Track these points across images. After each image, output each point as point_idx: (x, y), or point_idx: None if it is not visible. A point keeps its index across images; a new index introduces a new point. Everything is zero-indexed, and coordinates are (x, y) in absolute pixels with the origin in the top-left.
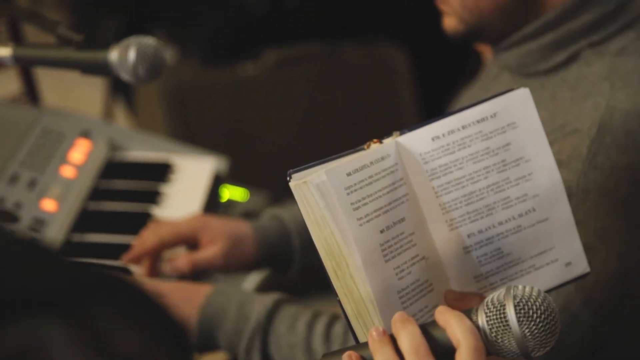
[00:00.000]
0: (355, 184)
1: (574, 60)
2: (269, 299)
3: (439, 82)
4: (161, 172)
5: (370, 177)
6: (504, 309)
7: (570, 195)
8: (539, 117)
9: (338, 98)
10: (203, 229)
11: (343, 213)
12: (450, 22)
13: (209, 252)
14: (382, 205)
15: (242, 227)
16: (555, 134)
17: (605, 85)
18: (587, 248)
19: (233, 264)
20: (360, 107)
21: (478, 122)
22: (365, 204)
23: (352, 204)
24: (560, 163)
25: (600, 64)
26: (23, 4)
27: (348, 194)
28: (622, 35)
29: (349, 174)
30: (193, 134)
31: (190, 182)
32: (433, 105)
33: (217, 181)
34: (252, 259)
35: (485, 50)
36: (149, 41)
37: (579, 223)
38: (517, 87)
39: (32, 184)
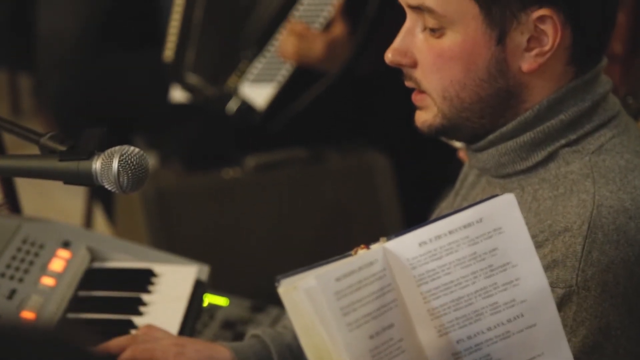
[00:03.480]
0: (344, 289)
1: (552, 159)
2: None
3: (422, 186)
4: (142, 280)
5: (360, 282)
6: None
7: (571, 294)
8: (524, 222)
9: (320, 202)
10: (178, 356)
11: (333, 318)
12: (425, 117)
13: None
14: (371, 311)
15: (221, 353)
16: (544, 234)
17: (587, 182)
18: (594, 347)
19: None
20: (343, 211)
21: (464, 227)
22: (355, 309)
23: (341, 309)
24: (555, 263)
25: (580, 163)
26: (2, 112)
27: (338, 299)
28: (598, 133)
29: (338, 279)
30: (174, 240)
31: (171, 291)
32: (416, 210)
33: (199, 289)
34: None
35: (463, 155)
36: (133, 150)
37: (583, 322)
38: (503, 193)
39: (11, 294)
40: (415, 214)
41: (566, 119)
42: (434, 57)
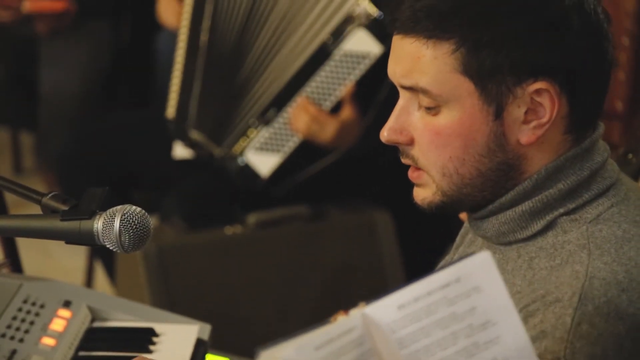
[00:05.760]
0: (324, 358)
1: (551, 228)
2: None
3: (424, 242)
4: (143, 340)
5: (340, 349)
6: None
7: None
8: (502, 279)
9: (323, 260)
10: None
11: None
12: (424, 194)
13: None
14: None
15: None
16: (536, 303)
17: (583, 253)
18: None
19: None
20: (345, 268)
21: (442, 288)
22: None
23: None
24: (544, 334)
25: (577, 232)
26: (3, 171)
27: None
28: (596, 202)
29: (317, 348)
30: (175, 298)
31: (173, 350)
32: (419, 265)
33: (201, 348)
34: None
35: (463, 217)
36: (134, 210)
37: None
38: (479, 252)
39: (12, 355)
40: (418, 270)
41: (565, 188)
42: (431, 135)
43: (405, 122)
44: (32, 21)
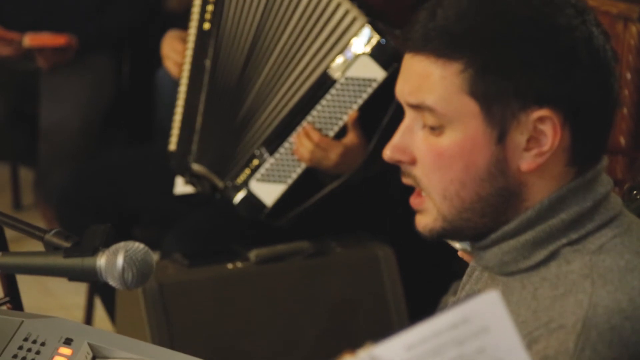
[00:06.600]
0: None
1: (554, 258)
2: None
3: (427, 278)
4: None
5: None
6: None
7: None
8: (511, 320)
9: (325, 295)
10: None
11: None
12: (426, 221)
13: None
14: None
15: None
16: (540, 330)
17: (586, 283)
18: None
19: None
20: (348, 304)
21: (451, 328)
22: None
23: None
24: (548, 359)
25: (580, 262)
26: (3, 207)
27: None
28: (599, 233)
29: None
30: (176, 335)
31: None
32: (423, 302)
33: None
34: None
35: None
36: (137, 247)
37: None
38: (488, 291)
39: None
40: (422, 306)
41: (567, 218)
42: (434, 156)
43: (408, 141)
44: (33, 56)
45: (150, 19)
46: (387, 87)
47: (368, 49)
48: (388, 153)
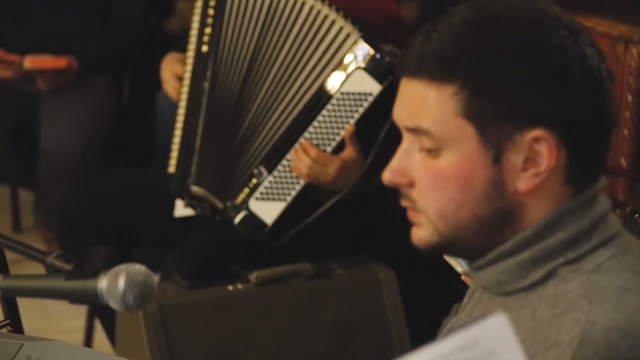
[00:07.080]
0: None
1: (551, 277)
2: None
3: (429, 301)
4: None
5: None
6: None
7: None
8: (518, 342)
9: (325, 317)
10: None
11: None
12: (422, 234)
13: None
14: None
15: None
16: (536, 347)
17: (584, 302)
18: None
19: None
20: (349, 326)
21: (457, 351)
22: None
23: None
24: None
25: (578, 282)
26: (2, 229)
27: None
28: (597, 253)
29: None
30: (176, 357)
31: None
32: (424, 324)
33: None
34: None
35: (466, 279)
36: (139, 269)
37: None
38: (495, 314)
39: None
40: (423, 328)
41: (565, 237)
42: (431, 178)
43: (406, 164)
44: (34, 78)
45: (151, 41)
46: (383, 101)
47: (363, 64)
48: (387, 177)
